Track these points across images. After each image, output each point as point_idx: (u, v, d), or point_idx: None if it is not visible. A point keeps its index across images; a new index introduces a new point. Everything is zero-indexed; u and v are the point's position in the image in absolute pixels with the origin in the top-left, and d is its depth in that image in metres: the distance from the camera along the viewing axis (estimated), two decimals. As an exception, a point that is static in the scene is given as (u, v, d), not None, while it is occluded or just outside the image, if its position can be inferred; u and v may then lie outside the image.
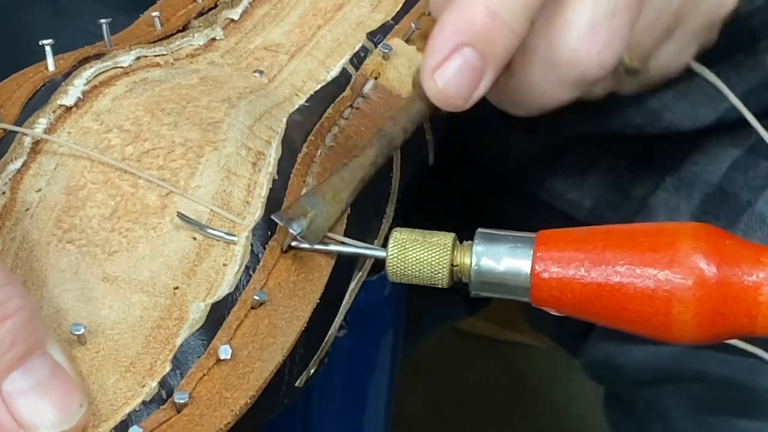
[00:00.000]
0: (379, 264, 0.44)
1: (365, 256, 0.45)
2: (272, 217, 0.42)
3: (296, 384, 0.44)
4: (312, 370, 0.45)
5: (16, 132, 0.44)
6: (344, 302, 0.48)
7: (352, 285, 0.48)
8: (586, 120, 0.66)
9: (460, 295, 0.88)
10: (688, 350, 0.66)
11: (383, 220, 0.51)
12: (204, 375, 0.38)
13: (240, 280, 0.41)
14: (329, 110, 0.48)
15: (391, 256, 0.42)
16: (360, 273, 0.49)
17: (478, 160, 0.75)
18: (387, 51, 0.51)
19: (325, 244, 0.43)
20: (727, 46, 0.59)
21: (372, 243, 0.48)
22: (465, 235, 0.43)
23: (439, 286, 0.42)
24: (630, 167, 0.70)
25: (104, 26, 0.49)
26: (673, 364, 0.66)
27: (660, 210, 0.68)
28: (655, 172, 0.68)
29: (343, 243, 0.44)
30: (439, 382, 1.21)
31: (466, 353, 1.15)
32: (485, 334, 1.09)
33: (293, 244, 0.42)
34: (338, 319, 0.47)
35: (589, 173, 0.71)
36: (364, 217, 0.48)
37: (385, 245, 0.43)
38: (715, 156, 0.67)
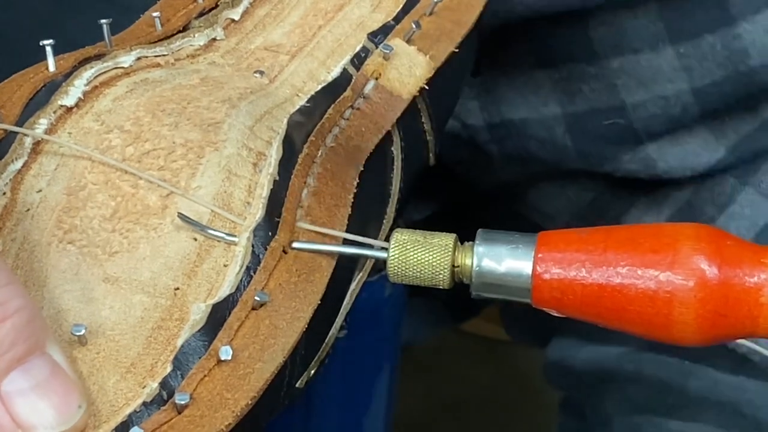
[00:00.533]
0: (380, 264, 0.44)
1: (366, 257, 0.45)
2: None
3: (297, 385, 0.44)
4: (312, 371, 0.45)
5: (17, 132, 0.44)
6: (345, 303, 0.48)
7: (353, 286, 0.48)
8: (578, 161, 0.67)
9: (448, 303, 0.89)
10: (630, 351, 0.66)
11: (383, 221, 0.51)
12: (205, 376, 0.38)
13: (241, 280, 0.41)
14: (330, 111, 0.48)
15: (392, 257, 0.42)
16: (360, 274, 0.49)
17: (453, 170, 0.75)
18: (388, 51, 0.51)
19: (327, 244, 0.43)
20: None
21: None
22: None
23: (440, 287, 0.42)
24: (611, 188, 0.70)
25: (104, 26, 0.49)
26: (615, 364, 0.67)
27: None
28: (632, 194, 0.69)
29: (344, 243, 0.44)
30: (439, 382, 1.21)
31: (466, 353, 1.15)
32: (485, 334, 1.09)
33: (295, 245, 0.42)
34: (339, 320, 0.47)
35: (569, 188, 0.72)
36: (364, 217, 0.48)
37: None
38: (687, 156, 0.67)
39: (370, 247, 0.44)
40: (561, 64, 0.67)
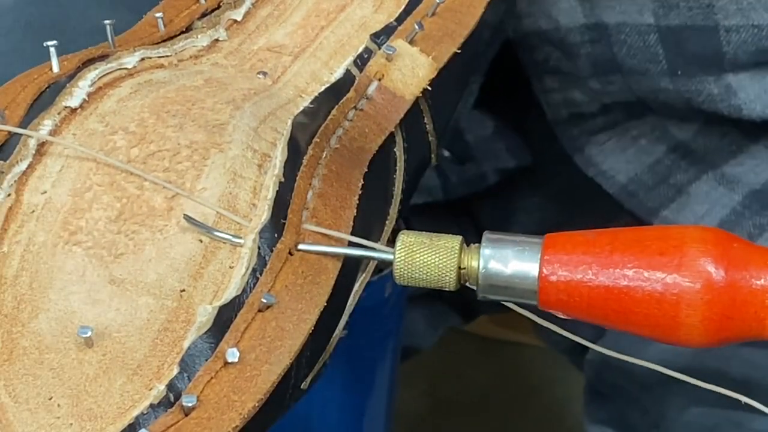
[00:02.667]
0: (382, 265, 0.44)
1: (372, 259, 0.45)
2: None
3: (302, 386, 0.44)
4: (316, 372, 0.45)
5: (21, 134, 0.44)
6: (348, 304, 0.48)
7: (356, 287, 0.48)
8: (664, 75, 0.66)
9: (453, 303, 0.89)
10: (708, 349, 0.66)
11: (386, 222, 0.51)
12: (212, 378, 0.38)
13: (247, 282, 0.41)
14: (333, 112, 0.48)
15: (398, 259, 0.42)
16: (364, 275, 0.49)
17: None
18: (390, 53, 0.51)
19: (333, 246, 0.43)
20: None
21: (376, 244, 0.48)
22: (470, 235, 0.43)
23: (447, 289, 0.42)
24: (669, 154, 0.70)
25: (108, 27, 0.49)
26: (692, 362, 0.66)
27: (700, 199, 0.68)
28: (696, 165, 0.68)
29: (349, 245, 0.44)
30: (439, 381, 1.21)
31: (466, 353, 1.15)
32: (485, 334, 1.09)
33: (301, 247, 0.42)
34: (343, 321, 0.47)
35: (627, 149, 0.72)
36: (367, 218, 0.48)
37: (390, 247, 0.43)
38: (762, 161, 0.67)
39: (375, 249, 0.44)
40: None
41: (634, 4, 0.68)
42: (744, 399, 0.42)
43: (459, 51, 0.54)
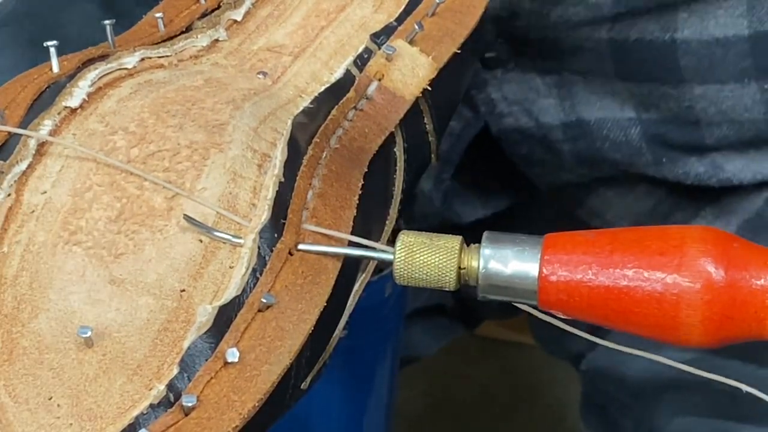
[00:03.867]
0: (382, 265, 0.44)
1: (372, 259, 0.45)
2: None
3: (302, 386, 0.44)
4: (316, 372, 0.45)
5: (21, 134, 0.44)
6: (348, 304, 0.48)
7: (356, 287, 0.48)
8: (650, 164, 0.67)
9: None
10: (696, 358, 0.66)
11: (386, 222, 0.51)
12: (212, 378, 0.38)
13: (247, 282, 0.41)
14: (333, 112, 0.48)
15: (398, 259, 0.42)
16: (363, 275, 0.49)
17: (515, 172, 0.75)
18: (390, 53, 0.51)
19: (333, 246, 0.43)
20: None
21: (376, 244, 0.48)
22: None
23: (447, 289, 0.42)
24: (669, 196, 0.70)
25: (108, 27, 0.49)
26: (681, 374, 0.66)
27: None
28: (696, 200, 0.69)
29: (349, 244, 0.44)
30: (439, 381, 1.21)
31: (466, 353, 1.15)
32: (485, 334, 1.09)
33: (301, 246, 0.42)
34: (343, 321, 0.47)
35: (628, 195, 0.72)
36: (367, 218, 0.48)
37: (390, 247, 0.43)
38: (757, 186, 0.67)
39: (375, 249, 0.44)
40: (643, 81, 0.67)
41: (614, 100, 0.68)
42: (745, 388, 0.42)
43: (459, 51, 0.54)
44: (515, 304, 0.42)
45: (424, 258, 0.42)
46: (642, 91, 0.67)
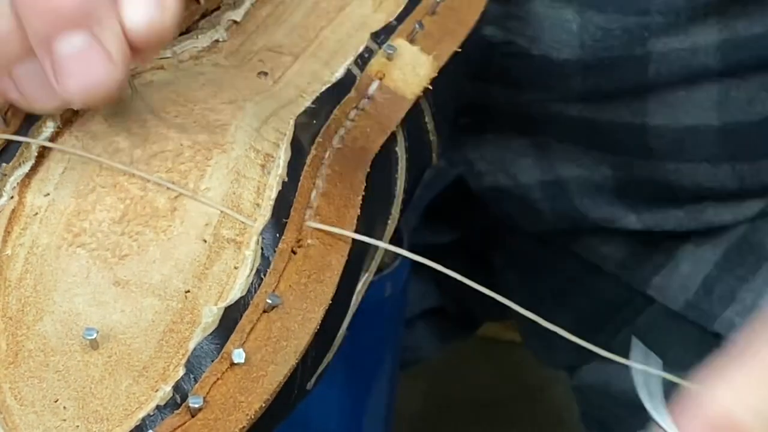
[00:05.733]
0: (383, 264, 0.44)
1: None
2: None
3: (307, 387, 0.44)
4: (320, 372, 0.45)
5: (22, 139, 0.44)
6: (352, 303, 0.48)
7: (359, 286, 0.48)
8: (636, 215, 0.68)
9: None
10: (688, 374, 0.66)
11: (388, 221, 0.51)
12: (218, 379, 0.38)
13: (252, 283, 0.41)
14: (335, 112, 0.48)
15: None
16: (367, 274, 0.49)
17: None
18: (391, 52, 0.51)
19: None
20: None
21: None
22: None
23: None
24: (653, 232, 0.71)
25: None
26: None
27: (686, 260, 0.69)
28: (676, 212, 0.69)
29: (353, 242, 0.44)
30: (439, 382, 1.21)
31: (466, 353, 1.15)
32: (485, 334, 1.09)
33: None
34: (347, 320, 0.47)
35: (612, 239, 0.72)
36: (371, 218, 0.48)
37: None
38: (740, 211, 0.68)
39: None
40: (617, 154, 0.68)
41: (590, 161, 0.69)
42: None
43: (460, 50, 0.54)
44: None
45: None
46: (616, 161, 0.68)
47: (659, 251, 0.70)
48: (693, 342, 0.68)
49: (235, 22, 0.54)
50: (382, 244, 0.46)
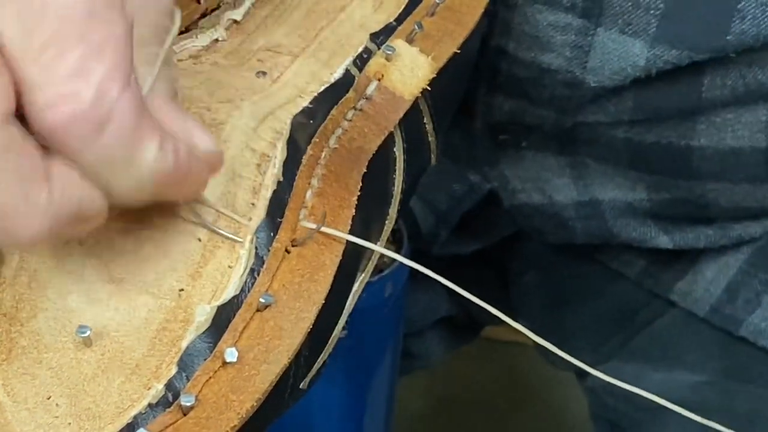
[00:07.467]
0: (381, 265, 0.44)
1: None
2: None
3: (301, 386, 0.44)
4: (315, 372, 0.45)
5: None
6: (347, 304, 0.48)
7: (356, 287, 0.48)
8: (667, 236, 0.68)
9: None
10: (709, 380, 0.66)
11: (385, 222, 0.51)
12: (210, 378, 0.38)
13: (245, 282, 0.41)
14: (333, 112, 0.48)
15: None
16: (363, 275, 0.49)
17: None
18: (390, 52, 0.51)
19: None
20: None
21: (375, 244, 0.48)
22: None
23: None
24: (683, 227, 0.71)
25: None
26: (689, 393, 0.66)
27: (709, 266, 0.69)
28: (706, 231, 0.69)
29: (348, 244, 0.44)
30: (439, 381, 1.21)
31: (466, 353, 1.15)
32: (485, 334, 1.09)
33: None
34: (341, 322, 0.47)
35: (640, 253, 0.72)
36: (367, 219, 0.48)
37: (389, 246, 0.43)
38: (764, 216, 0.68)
39: None
40: (656, 174, 0.67)
41: (626, 182, 0.69)
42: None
43: (459, 51, 0.54)
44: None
45: None
46: (653, 180, 0.68)
47: (682, 258, 0.70)
48: (716, 347, 0.68)
49: (235, 21, 0.54)
50: (375, 247, 0.46)
